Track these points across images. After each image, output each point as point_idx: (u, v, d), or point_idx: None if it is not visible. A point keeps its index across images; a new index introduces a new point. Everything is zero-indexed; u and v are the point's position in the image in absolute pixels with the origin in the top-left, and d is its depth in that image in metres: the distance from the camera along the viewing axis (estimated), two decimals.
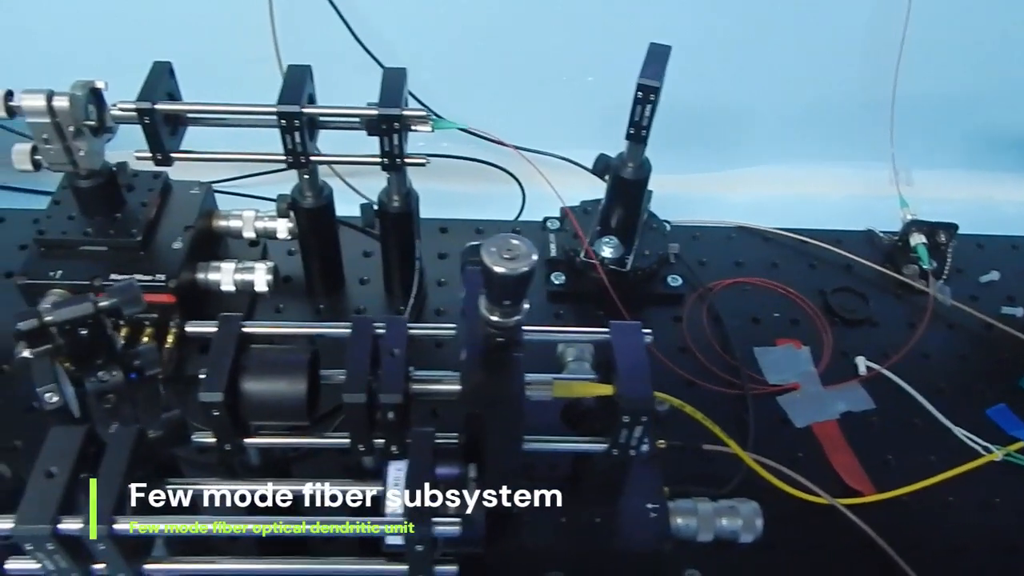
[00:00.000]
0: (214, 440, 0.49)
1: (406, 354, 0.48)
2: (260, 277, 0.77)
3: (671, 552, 0.56)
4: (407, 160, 0.70)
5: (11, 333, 0.78)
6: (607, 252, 0.82)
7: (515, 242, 0.41)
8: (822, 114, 1.02)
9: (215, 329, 0.49)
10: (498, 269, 0.41)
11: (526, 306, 0.44)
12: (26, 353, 0.67)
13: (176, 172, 0.76)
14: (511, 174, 0.96)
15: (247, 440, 0.49)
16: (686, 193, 1.01)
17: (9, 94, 0.65)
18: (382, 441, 0.49)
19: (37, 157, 0.69)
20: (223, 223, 0.81)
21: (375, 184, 0.89)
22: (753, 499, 0.60)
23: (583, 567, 0.57)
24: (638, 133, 0.72)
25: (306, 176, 0.74)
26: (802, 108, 1.02)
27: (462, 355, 0.48)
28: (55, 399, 0.48)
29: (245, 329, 0.49)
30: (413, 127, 0.68)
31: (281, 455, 0.56)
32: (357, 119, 0.69)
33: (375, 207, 0.78)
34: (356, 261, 0.88)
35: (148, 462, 0.45)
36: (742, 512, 0.59)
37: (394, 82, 0.69)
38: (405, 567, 0.44)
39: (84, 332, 0.49)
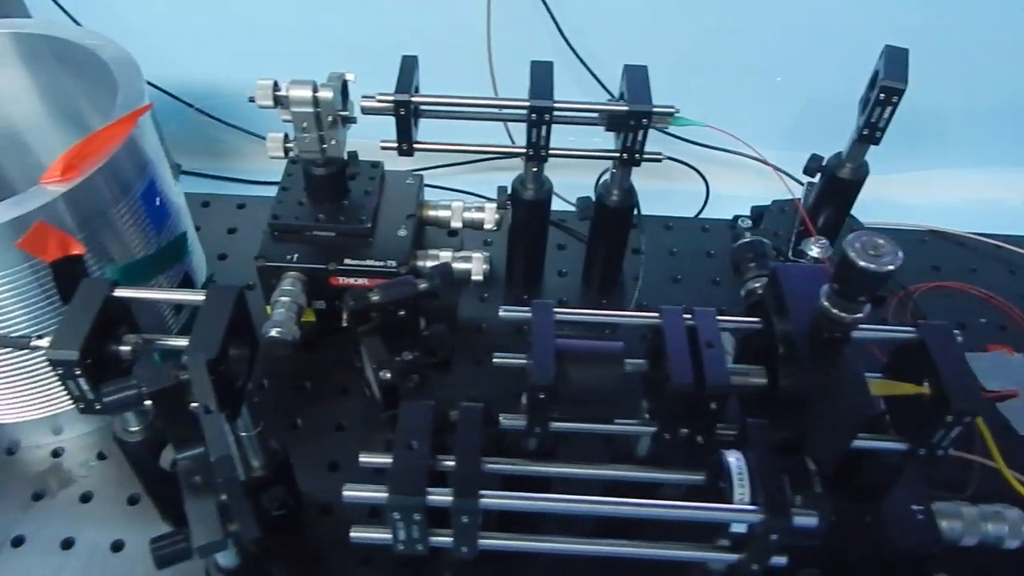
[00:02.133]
0: (524, 423, 0.50)
1: (722, 345, 0.49)
2: (477, 266, 0.79)
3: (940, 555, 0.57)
4: (646, 156, 0.71)
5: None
6: (815, 252, 0.81)
7: (880, 241, 0.42)
8: (1007, 118, 1.01)
9: (529, 314, 0.51)
10: (862, 264, 0.41)
11: (868, 305, 0.45)
12: (273, 333, 0.71)
13: None
14: (698, 171, 0.97)
15: (555, 424, 0.51)
16: (870, 195, 1.00)
17: (275, 85, 0.68)
18: (686, 431, 0.50)
19: (288, 145, 0.72)
20: (432, 213, 0.83)
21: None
22: (986, 503, 0.60)
23: (843, 565, 0.58)
24: (872, 134, 0.72)
25: (534, 169, 0.75)
26: (987, 111, 1.01)
27: (780, 348, 0.48)
28: (388, 376, 0.50)
29: (558, 316, 0.51)
30: (653, 123, 0.69)
31: (553, 438, 0.58)
32: (597, 115, 0.70)
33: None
34: (551, 253, 0.89)
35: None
36: (1008, 517, 0.58)
37: (639, 78, 0.70)
38: (736, 556, 0.45)
39: (401, 313, 0.51)
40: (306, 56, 0.81)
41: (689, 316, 0.51)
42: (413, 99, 0.68)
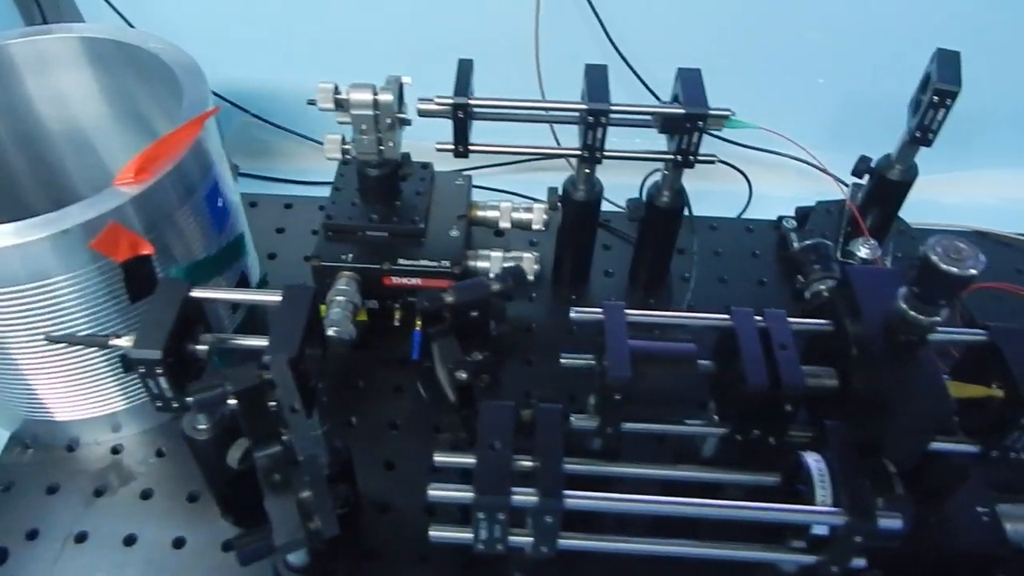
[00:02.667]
0: (595, 423, 0.51)
1: (796, 347, 0.49)
2: (528, 266, 0.79)
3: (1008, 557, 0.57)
4: (699, 158, 0.71)
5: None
6: (863, 253, 0.81)
7: (961, 245, 0.42)
8: None
9: (601, 315, 0.51)
10: (945, 268, 0.42)
11: (946, 309, 0.45)
12: (330, 332, 0.72)
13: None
14: (742, 172, 0.97)
15: (627, 424, 0.51)
16: (913, 195, 1.00)
17: (335, 89, 0.69)
18: (757, 432, 0.51)
19: (346, 146, 0.73)
20: (481, 213, 0.83)
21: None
22: None
23: (907, 567, 0.58)
24: (924, 136, 0.72)
25: (586, 170, 0.76)
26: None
27: (853, 350, 0.49)
28: (464, 376, 0.50)
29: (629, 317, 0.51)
30: (708, 126, 0.70)
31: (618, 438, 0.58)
32: (651, 117, 0.71)
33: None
34: (596, 254, 0.90)
35: None
36: None
37: (694, 81, 0.70)
38: (813, 557, 0.46)
39: (474, 314, 0.52)
40: (342, 60, 0.81)
41: (759, 318, 0.51)
42: (470, 102, 0.69)
